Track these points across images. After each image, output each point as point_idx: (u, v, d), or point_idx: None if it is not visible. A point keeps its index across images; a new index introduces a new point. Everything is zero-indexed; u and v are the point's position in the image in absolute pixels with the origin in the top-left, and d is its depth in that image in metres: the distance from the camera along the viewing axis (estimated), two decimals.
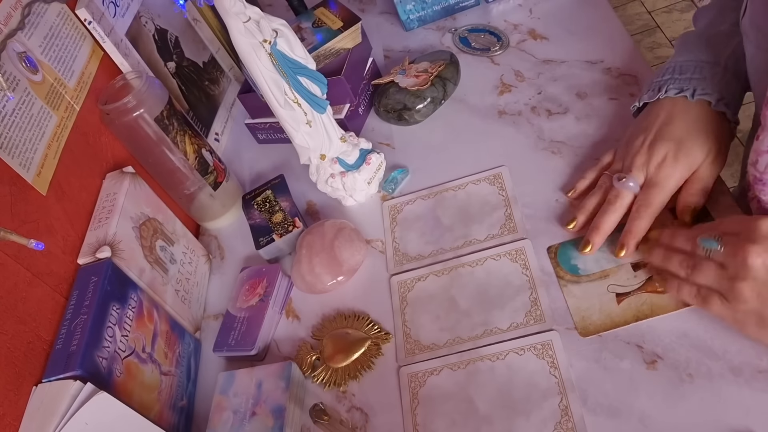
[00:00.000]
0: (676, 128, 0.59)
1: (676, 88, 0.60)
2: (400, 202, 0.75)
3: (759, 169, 0.50)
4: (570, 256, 0.62)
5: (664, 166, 0.58)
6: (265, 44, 0.61)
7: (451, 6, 0.95)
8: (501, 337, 0.59)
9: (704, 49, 0.62)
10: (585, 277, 0.60)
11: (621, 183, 0.59)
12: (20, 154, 0.59)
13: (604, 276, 0.59)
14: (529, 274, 0.62)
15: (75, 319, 0.55)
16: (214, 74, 0.96)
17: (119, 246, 0.62)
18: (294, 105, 0.65)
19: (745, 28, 0.54)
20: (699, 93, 0.59)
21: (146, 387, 0.59)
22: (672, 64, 0.63)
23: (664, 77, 0.62)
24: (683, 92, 0.59)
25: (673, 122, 0.59)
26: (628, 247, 0.58)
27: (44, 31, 0.67)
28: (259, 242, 0.75)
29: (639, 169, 0.59)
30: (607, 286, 0.58)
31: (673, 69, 0.63)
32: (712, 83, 0.59)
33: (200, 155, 0.76)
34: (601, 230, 0.59)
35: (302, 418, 0.60)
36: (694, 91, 0.59)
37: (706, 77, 0.60)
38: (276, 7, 1.12)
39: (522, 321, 0.59)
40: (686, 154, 0.57)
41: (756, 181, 0.51)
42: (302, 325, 0.69)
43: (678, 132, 0.58)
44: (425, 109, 0.80)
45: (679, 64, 0.62)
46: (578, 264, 0.61)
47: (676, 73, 0.62)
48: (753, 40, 0.53)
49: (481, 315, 0.61)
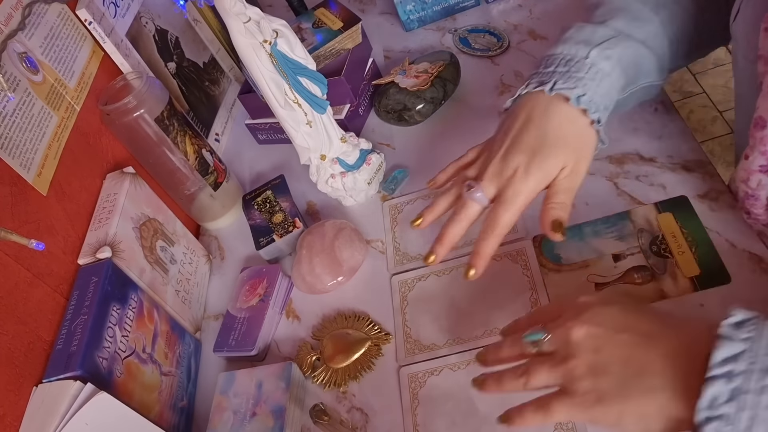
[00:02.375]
0: (530, 136, 0.53)
1: (536, 82, 0.55)
2: (400, 202, 0.75)
3: (751, 186, 0.50)
4: (553, 245, 0.63)
5: (514, 180, 0.52)
6: (266, 45, 0.61)
7: (451, 6, 0.95)
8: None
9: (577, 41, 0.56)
10: (566, 266, 0.61)
11: (469, 193, 0.54)
12: (21, 154, 0.59)
13: (585, 266, 0.60)
14: (529, 274, 0.62)
15: (75, 320, 0.56)
16: (215, 75, 0.96)
17: (119, 246, 0.62)
18: (294, 105, 0.66)
19: (735, 34, 0.54)
20: (558, 87, 0.53)
21: (146, 387, 0.59)
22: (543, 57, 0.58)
23: (533, 71, 0.58)
24: (542, 86, 0.54)
25: (528, 128, 0.54)
26: (477, 270, 0.53)
27: (45, 32, 0.67)
28: (260, 242, 0.75)
29: (490, 180, 0.54)
30: (586, 276, 0.59)
31: (540, 62, 0.58)
32: (575, 78, 0.54)
33: (200, 156, 0.76)
34: (444, 242, 0.55)
35: (302, 418, 0.60)
36: (554, 84, 0.54)
37: (570, 71, 0.54)
38: (276, 7, 1.12)
39: None
40: (538, 167, 0.52)
41: (747, 196, 0.52)
42: (302, 326, 0.69)
43: (532, 141, 0.53)
44: (425, 110, 0.80)
45: (547, 57, 0.57)
46: (561, 253, 0.62)
47: (542, 66, 0.57)
48: (741, 48, 0.53)
49: (481, 315, 0.61)
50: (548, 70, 0.56)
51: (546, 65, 0.56)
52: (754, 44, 0.49)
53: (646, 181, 0.65)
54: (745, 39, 0.51)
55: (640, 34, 0.57)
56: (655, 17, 0.58)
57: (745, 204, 0.53)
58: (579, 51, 0.55)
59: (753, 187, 0.50)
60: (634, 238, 0.60)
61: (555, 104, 0.53)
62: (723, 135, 1.81)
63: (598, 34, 0.56)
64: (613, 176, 0.66)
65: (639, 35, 0.57)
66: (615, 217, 0.62)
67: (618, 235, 0.61)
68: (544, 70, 0.56)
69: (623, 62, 0.55)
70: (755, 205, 0.52)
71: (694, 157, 0.65)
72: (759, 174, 0.49)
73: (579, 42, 0.56)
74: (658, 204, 0.62)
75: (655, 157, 0.66)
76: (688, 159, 0.65)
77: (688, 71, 1.99)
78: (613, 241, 0.61)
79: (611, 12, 0.58)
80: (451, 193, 0.57)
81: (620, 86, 0.56)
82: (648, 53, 0.57)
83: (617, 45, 0.55)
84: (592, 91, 0.53)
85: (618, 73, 0.55)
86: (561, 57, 0.56)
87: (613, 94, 0.55)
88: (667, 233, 0.59)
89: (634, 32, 0.57)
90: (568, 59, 0.55)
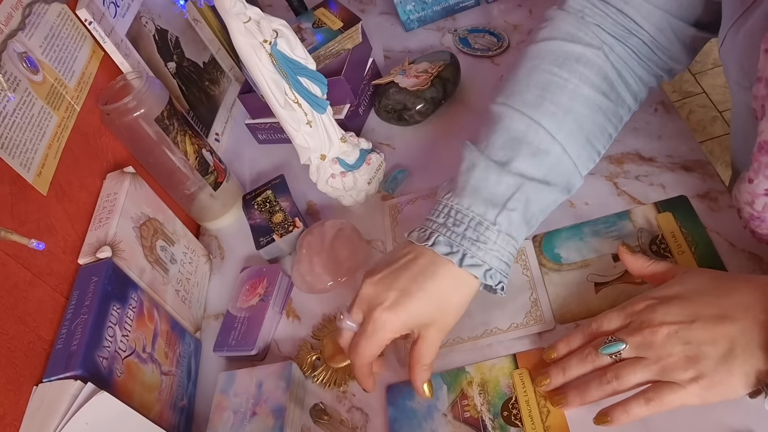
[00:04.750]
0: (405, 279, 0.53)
1: (446, 245, 0.53)
2: (400, 202, 0.75)
3: (756, 208, 0.50)
4: (554, 245, 0.63)
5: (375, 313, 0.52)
6: (266, 44, 0.61)
7: (451, 6, 0.95)
8: (501, 338, 0.59)
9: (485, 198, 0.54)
10: (566, 265, 0.61)
11: (340, 321, 0.55)
12: (21, 154, 0.59)
13: (585, 265, 0.60)
14: (529, 274, 0.62)
15: (75, 319, 0.56)
16: (215, 74, 0.96)
17: (120, 246, 0.62)
18: (294, 105, 0.66)
19: (724, 59, 0.53)
20: (467, 263, 0.52)
21: (147, 387, 0.59)
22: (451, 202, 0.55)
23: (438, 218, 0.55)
24: (452, 255, 0.52)
25: (408, 271, 0.53)
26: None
27: (45, 32, 0.67)
28: (260, 242, 0.75)
29: (358, 306, 0.54)
30: (586, 276, 0.59)
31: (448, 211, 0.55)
32: (484, 249, 0.53)
33: (200, 155, 0.76)
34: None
35: (302, 418, 0.60)
36: (463, 257, 0.52)
37: (479, 239, 0.53)
38: (276, 7, 1.12)
39: (522, 321, 0.59)
40: (405, 310, 0.52)
41: (753, 218, 0.51)
42: (302, 325, 0.69)
43: (405, 284, 0.52)
44: (425, 110, 0.81)
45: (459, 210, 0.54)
46: (561, 253, 0.62)
47: (449, 220, 0.54)
48: (733, 75, 0.52)
49: (481, 315, 0.61)
50: (458, 231, 0.53)
51: (455, 222, 0.54)
52: (746, 69, 0.48)
53: (645, 181, 0.65)
54: (736, 64, 0.50)
55: (539, 172, 0.55)
56: (554, 143, 0.55)
57: (750, 224, 0.52)
58: (487, 213, 0.53)
59: (759, 210, 0.50)
60: (634, 237, 0.60)
61: (443, 267, 0.52)
62: (722, 135, 1.81)
63: (503, 186, 0.54)
64: (613, 176, 0.66)
65: (539, 174, 0.55)
66: (615, 216, 0.63)
67: (618, 234, 0.61)
68: (454, 229, 0.53)
69: (527, 217, 0.55)
70: (761, 226, 0.52)
71: (694, 157, 0.65)
72: (764, 197, 0.49)
73: (486, 201, 0.54)
74: (657, 204, 0.62)
75: (655, 157, 0.66)
76: (688, 159, 0.65)
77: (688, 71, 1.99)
78: (613, 240, 0.61)
79: (512, 146, 0.55)
80: None
81: (523, 239, 0.56)
82: (550, 190, 0.56)
83: (521, 200, 0.54)
84: (498, 261, 0.53)
85: (523, 232, 0.55)
86: (470, 217, 0.53)
87: (516, 250, 0.55)
88: (666, 233, 0.59)
89: (535, 173, 0.55)
90: (477, 222, 0.53)
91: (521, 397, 0.54)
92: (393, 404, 0.59)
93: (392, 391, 0.60)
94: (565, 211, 0.65)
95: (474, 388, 0.57)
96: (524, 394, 0.54)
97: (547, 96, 0.56)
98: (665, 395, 0.46)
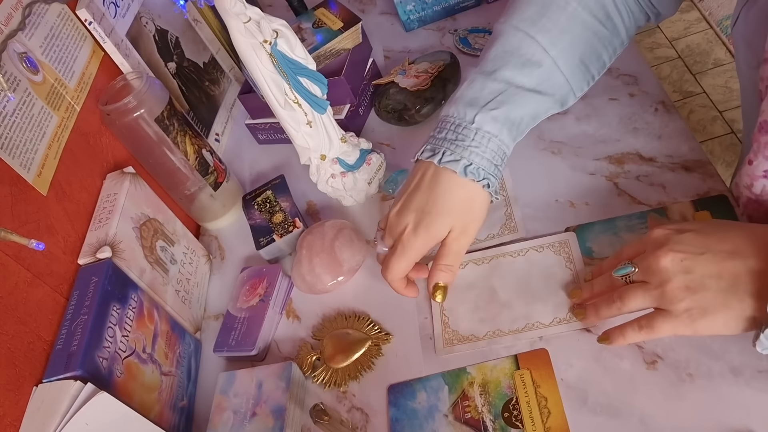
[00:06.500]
0: (420, 199, 0.58)
1: (429, 151, 0.59)
2: None
3: (755, 191, 0.50)
4: (586, 238, 0.62)
5: (403, 237, 0.58)
6: (266, 45, 0.61)
7: (451, 6, 0.95)
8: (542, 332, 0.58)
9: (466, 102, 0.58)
10: (598, 259, 0.60)
11: (375, 246, 0.62)
12: (21, 154, 0.59)
13: None
14: (572, 267, 0.61)
15: (75, 320, 0.56)
16: (215, 75, 0.96)
17: (120, 246, 0.62)
18: (294, 105, 0.65)
19: (736, 39, 0.53)
20: (445, 160, 0.57)
21: (147, 387, 0.59)
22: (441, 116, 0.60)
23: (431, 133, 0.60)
24: (433, 156, 0.58)
25: (419, 191, 0.58)
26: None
27: (45, 32, 0.67)
28: (260, 242, 0.75)
29: (388, 233, 0.60)
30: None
31: (438, 123, 0.60)
32: (462, 146, 0.57)
33: (201, 155, 0.76)
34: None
35: (302, 418, 0.60)
36: (442, 156, 0.57)
37: (458, 138, 0.57)
38: (276, 7, 1.12)
39: (565, 317, 0.58)
40: (425, 229, 0.57)
41: (750, 202, 0.52)
42: (302, 326, 0.69)
43: (422, 203, 0.58)
44: (425, 110, 0.80)
45: (442, 119, 0.60)
46: (593, 246, 0.61)
47: (436, 130, 0.60)
48: (743, 54, 0.53)
49: (522, 308, 0.60)
50: (440, 137, 0.59)
51: (440, 129, 0.59)
52: (755, 48, 0.49)
53: (645, 181, 0.65)
54: (746, 43, 0.51)
55: (530, 81, 0.58)
56: (546, 57, 0.58)
57: (747, 209, 0.53)
58: (467, 114, 0.57)
59: (757, 193, 0.50)
60: None
61: (443, 173, 0.57)
62: (723, 135, 1.81)
63: (486, 91, 0.58)
64: (613, 176, 0.66)
65: (529, 83, 0.57)
66: (651, 212, 0.62)
67: None
68: (438, 135, 0.59)
69: (511, 118, 0.57)
70: (758, 210, 0.52)
71: (694, 157, 0.65)
72: (763, 179, 0.49)
73: (467, 104, 0.58)
74: (696, 201, 0.61)
75: (655, 157, 0.66)
76: (688, 159, 0.65)
77: (688, 71, 1.99)
78: None
79: (502, 57, 0.59)
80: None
81: (512, 139, 0.59)
82: (541, 98, 0.58)
83: (505, 102, 0.57)
84: (479, 158, 0.56)
85: (506, 131, 0.57)
86: (451, 122, 0.58)
87: (505, 149, 0.58)
88: None
89: (523, 81, 0.57)
90: (456, 124, 0.58)
91: (522, 398, 0.54)
92: (394, 404, 0.59)
93: (393, 391, 0.60)
94: (565, 211, 0.65)
95: (475, 388, 0.57)
96: (525, 395, 0.54)
97: (546, 14, 0.58)
98: (657, 323, 0.47)
